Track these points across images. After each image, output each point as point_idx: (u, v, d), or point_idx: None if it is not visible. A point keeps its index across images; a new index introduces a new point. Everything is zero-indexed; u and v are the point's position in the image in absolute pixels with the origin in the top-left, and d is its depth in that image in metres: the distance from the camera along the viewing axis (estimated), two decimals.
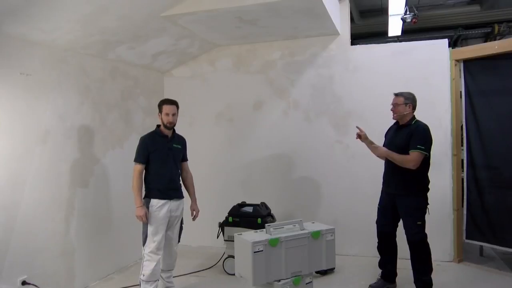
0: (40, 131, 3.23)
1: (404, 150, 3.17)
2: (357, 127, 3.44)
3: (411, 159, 3.12)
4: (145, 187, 3.27)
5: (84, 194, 3.67)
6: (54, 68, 3.37)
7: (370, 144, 3.37)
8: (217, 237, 4.03)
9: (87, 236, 3.69)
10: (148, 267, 3.15)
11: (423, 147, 3.12)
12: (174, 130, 3.36)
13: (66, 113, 3.49)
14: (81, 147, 3.65)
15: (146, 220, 3.14)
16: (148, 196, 3.23)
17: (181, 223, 3.45)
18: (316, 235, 2.95)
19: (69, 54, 3.52)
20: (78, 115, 3.63)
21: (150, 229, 3.17)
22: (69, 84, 3.53)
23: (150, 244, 3.16)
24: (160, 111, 3.26)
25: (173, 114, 3.25)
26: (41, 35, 3.10)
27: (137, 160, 3.22)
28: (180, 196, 3.35)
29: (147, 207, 3.18)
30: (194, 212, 3.51)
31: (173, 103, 3.27)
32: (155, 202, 3.19)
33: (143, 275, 3.16)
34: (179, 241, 3.47)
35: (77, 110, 3.62)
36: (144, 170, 3.24)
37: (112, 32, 3.53)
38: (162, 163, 3.25)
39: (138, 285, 3.65)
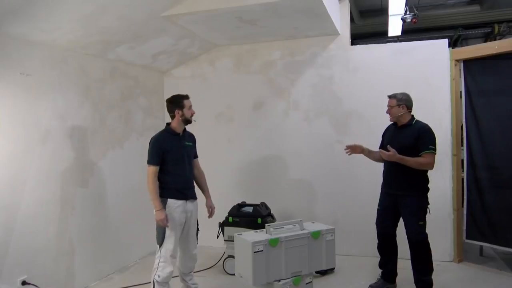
0: (40, 131, 3.23)
1: (409, 150, 3.16)
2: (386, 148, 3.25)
3: (429, 161, 3.12)
4: (160, 187, 3.06)
5: (84, 194, 3.67)
6: (54, 68, 3.37)
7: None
8: (217, 237, 4.03)
9: (87, 236, 3.69)
10: (165, 269, 3.00)
11: (434, 147, 3.14)
12: (185, 128, 3.24)
13: (66, 113, 3.48)
14: (81, 147, 3.65)
15: (167, 224, 2.96)
16: (165, 196, 3.04)
17: (197, 224, 3.33)
18: (316, 235, 2.96)
19: (69, 54, 3.52)
20: (78, 115, 3.63)
21: (168, 230, 3.00)
22: (69, 84, 3.53)
23: (169, 246, 3.01)
24: (182, 106, 3.09)
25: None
26: (41, 35, 3.10)
27: (151, 162, 3.02)
28: (195, 196, 3.22)
29: (164, 208, 3.01)
30: (211, 209, 3.37)
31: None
32: (172, 203, 3.03)
33: (159, 276, 2.99)
34: (197, 242, 3.31)
35: (77, 110, 3.62)
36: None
37: (112, 32, 3.53)
38: (178, 162, 3.10)
39: (138, 285, 3.66)
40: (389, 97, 3.35)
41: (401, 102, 3.27)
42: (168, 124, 3.20)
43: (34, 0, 2.64)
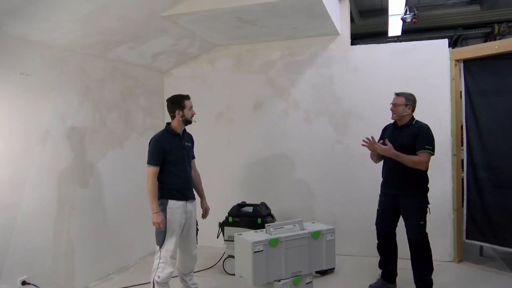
0: (40, 131, 3.23)
1: (408, 150, 3.16)
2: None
3: (424, 160, 3.12)
4: (161, 188, 3.03)
5: (84, 194, 3.67)
6: (54, 68, 3.37)
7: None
8: (217, 237, 4.03)
9: (87, 236, 3.69)
10: (165, 270, 2.98)
11: (431, 147, 3.14)
12: (185, 128, 3.22)
13: (66, 113, 3.48)
14: (81, 147, 3.65)
15: (163, 227, 2.94)
16: (165, 197, 3.02)
17: (196, 224, 3.31)
18: (316, 235, 2.96)
19: (69, 54, 3.52)
20: (78, 115, 3.63)
21: (168, 231, 2.98)
22: (69, 84, 3.53)
23: (169, 247, 2.99)
24: (183, 106, 3.07)
25: None
26: (41, 35, 3.10)
27: (151, 162, 2.98)
28: (194, 197, 3.22)
29: (164, 209, 2.99)
30: (206, 210, 3.37)
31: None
32: (173, 204, 3.01)
33: (158, 277, 2.97)
34: (196, 243, 3.30)
35: (77, 110, 3.62)
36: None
37: (112, 32, 3.53)
38: (178, 163, 3.08)
39: (138, 285, 3.66)
40: (397, 94, 3.33)
41: (409, 102, 3.27)
42: (168, 124, 3.17)
43: (34, 0, 2.64)
